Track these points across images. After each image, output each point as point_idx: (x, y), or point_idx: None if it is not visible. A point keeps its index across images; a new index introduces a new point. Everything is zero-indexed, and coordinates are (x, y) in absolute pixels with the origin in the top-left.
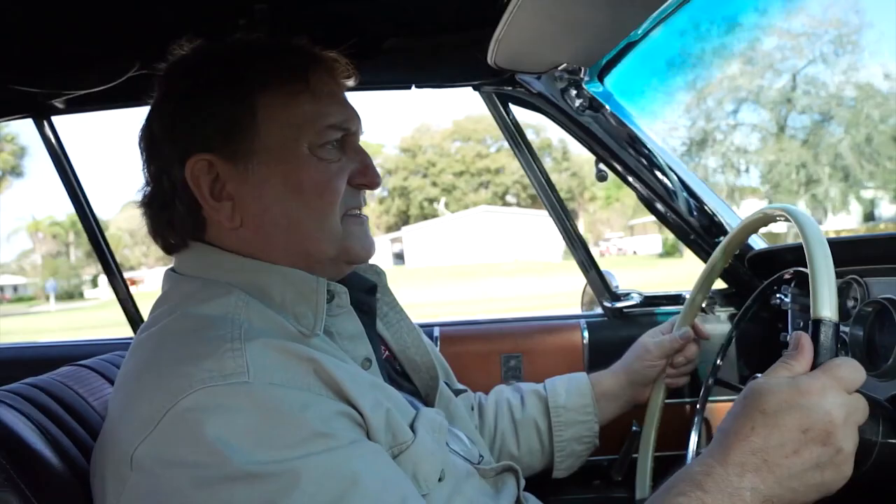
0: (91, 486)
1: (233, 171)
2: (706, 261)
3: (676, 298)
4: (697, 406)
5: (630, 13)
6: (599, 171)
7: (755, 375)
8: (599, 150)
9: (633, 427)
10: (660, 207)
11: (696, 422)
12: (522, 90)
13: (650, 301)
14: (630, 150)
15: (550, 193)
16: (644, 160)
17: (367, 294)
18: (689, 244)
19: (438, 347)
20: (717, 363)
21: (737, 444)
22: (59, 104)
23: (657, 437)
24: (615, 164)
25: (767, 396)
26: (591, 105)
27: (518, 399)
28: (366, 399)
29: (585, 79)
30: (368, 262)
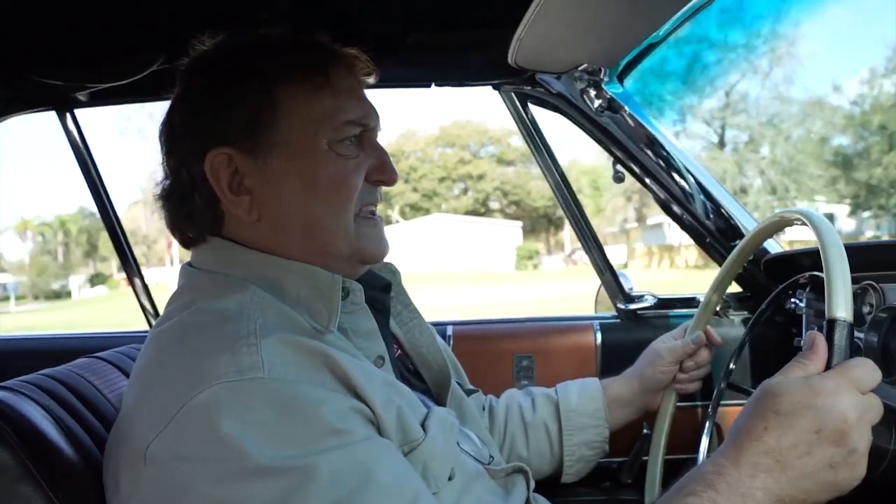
0: (104, 478)
1: (252, 166)
2: (721, 264)
3: (690, 301)
4: (709, 410)
5: (651, 15)
6: (617, 173)
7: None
8: (617, 152)
9: (644, 430)
10: (676, 209)
11: (708, 425)
12: (542, 90)
13: (664, 303)
14: (648, 152)
15: (567, 195)
16: (662, 162)
17: (382, 292)
18: (705, 247)
19: (451, 346)
20: (731, 367)
21: (749, 444)
22: (83, 97)
23: (668, 441)
24: (632, 166)
25: (780, 397)
26: (611, 106)
27: (529, 402)
28: (378, 396)
29: (605, 79)
30: (384, 261)
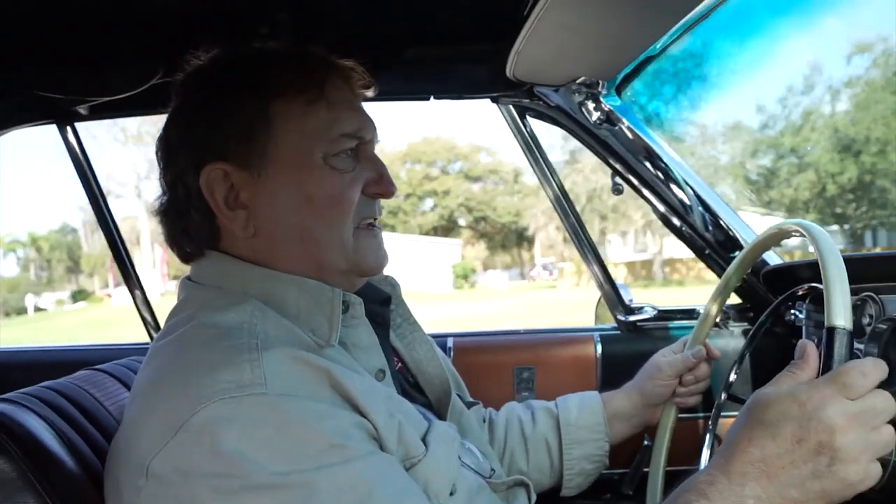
0: (105, 491)
1: (247, 180)
2: (721, 276)
3: (691, 313)
4: (710, 421)
5: (649, 28)
6: (615, 185)
7: None
8: (616, 164)
9: (645, 441)
10: (675, 221)
11: (708, 437)
12: (540, 103)
13: (664, 315)
14: (646, 164)
15: (566, 206)
16: (660, 174)
17: (381, 305)
18: (704, 259)
19: (452, 358)
20: (731, 378)
21: (738, 454)
22: (83, 110)
23: (669, 452)
24: (631, 178)
25: (767, 407)
26: (609, 118)
27: (529, 416)
28: (379, 411)
29: (603, 92)
30: (383, 274)
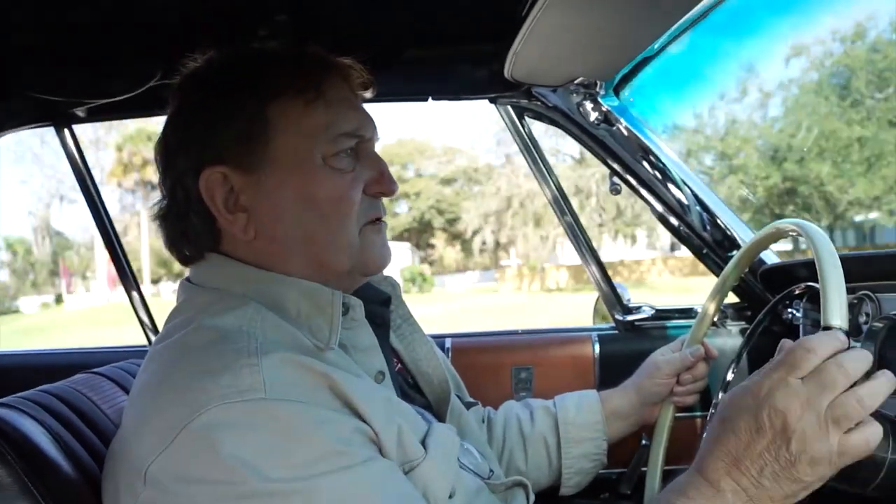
0: (102, 496)
1: (247, 183)
2: (718, 275)
3: (688, 312)
4: (707, 420)
5: (646, 29)
6: (613, 185)
7: None
8: (614, 164)
9: (643, 441)
10: (673, 221)
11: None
12: (538, 103)
13: (662, 314)
14: (644, 164)
15: (565, 207)
16: (658, 174)
17: (381, 306)
18: (702, 258)
19: (450, 359)
20: (728, 378)
21: (708, 453)
22: (81, 113)
23: (666, 451)
24: (629, 178)
25: (727, 405)
26: (607, 119)
27: (527, 414)
28: (378, 416)
29: (601, 93)
30: (383, 274)
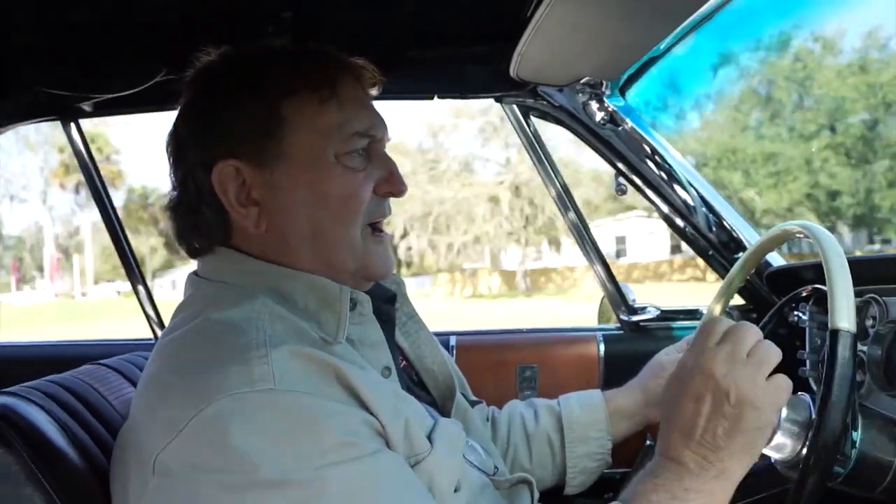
0: (110, 485)
1: (259, 178)
2: (724, 277)
3: (693, 313)
4: None
5: (653, 28)
6: (619, 185)
7: None
8: (620, 164)
9: (647, 441)
10: (679, 222)
11: None
12: (544, 102)
13: (667, 315)
14: (650, 165)
15: (570, 206)
16: (664, 175)
17: (387, 303)
18: (708, 260)
19: (455, 357)
20: None
21: (664, 435)
22: (87, 107)
23: None
24: (635, 178)
25: (665, 390)
26: (613, 119)
27: (532, 413)
28: (386, 408)
29: (607, 93)
30: None
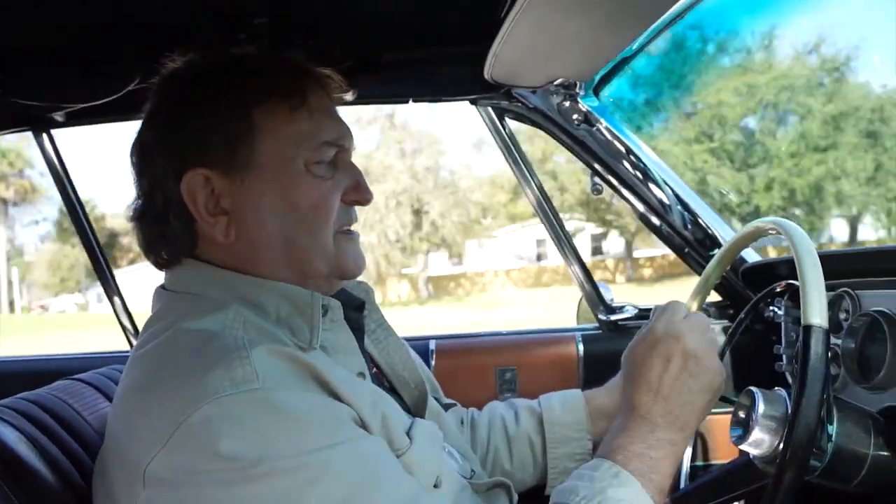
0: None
1: (229, 186)
2: (700, 274)
3: None
4: None
5: (625, 29)
6: (594, 185)
7: (749, 388)
8: (595, 164)
9: None
10: (654, 221)
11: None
12: (519, 104)
13: (645, 314)
14: (625, 164)
15: (546, 207)
16: (639, 174)
17: (356, 311)
18: (684, 257)
19: (434, 361)
20: None
21: (634, 393)
22: (59, 117)
23: None
24: (610, 178)
25: (630, 356)
26: (587, 119)
27: (512, 414)
28: (364, 402)
29: (581, 93)
30: (356, 280)
